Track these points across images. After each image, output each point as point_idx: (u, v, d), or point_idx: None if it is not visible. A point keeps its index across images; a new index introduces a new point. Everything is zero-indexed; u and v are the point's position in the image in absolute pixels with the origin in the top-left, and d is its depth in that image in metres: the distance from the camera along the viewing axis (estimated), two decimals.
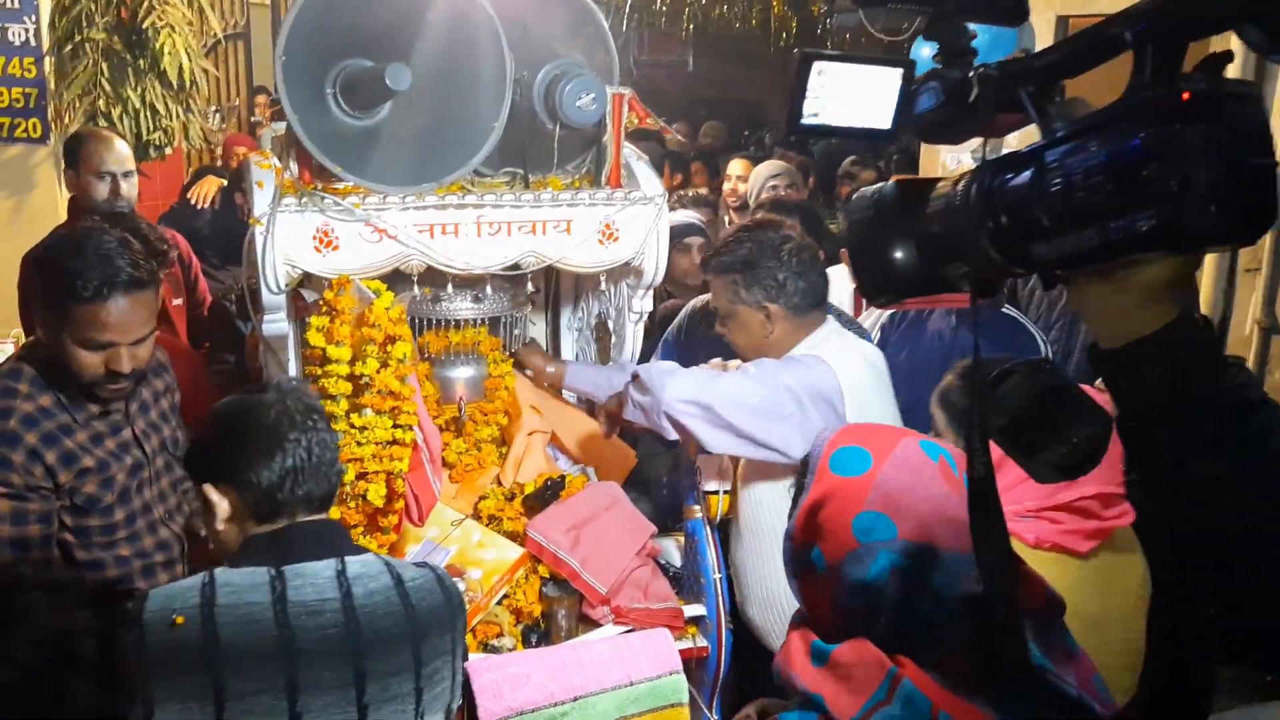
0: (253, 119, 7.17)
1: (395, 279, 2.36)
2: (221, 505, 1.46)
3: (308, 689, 1.37)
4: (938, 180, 0.88)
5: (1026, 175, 0.78)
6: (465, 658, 1.57)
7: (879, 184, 0.90)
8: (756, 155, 5.53)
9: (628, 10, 13.91)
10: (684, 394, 2.10)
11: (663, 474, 2.66)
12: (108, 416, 2.01)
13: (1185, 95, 0.69)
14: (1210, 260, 3.69)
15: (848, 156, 6.66)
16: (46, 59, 4.78)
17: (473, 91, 2.33)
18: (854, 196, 0.92)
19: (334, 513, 2.05)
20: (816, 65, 0.86)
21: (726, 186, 5.07)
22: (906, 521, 1.13)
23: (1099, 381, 0.87)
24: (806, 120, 0.87)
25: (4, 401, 1.89)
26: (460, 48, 2.30)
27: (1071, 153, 0.74)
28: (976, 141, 3.56)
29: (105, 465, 1.97)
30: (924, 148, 5.63)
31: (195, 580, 1.40)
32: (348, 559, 1.46)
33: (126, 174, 3.26)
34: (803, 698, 1.11)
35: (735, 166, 5.14)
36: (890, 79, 0.88)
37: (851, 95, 0.88)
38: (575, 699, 1.53)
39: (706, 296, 3.02)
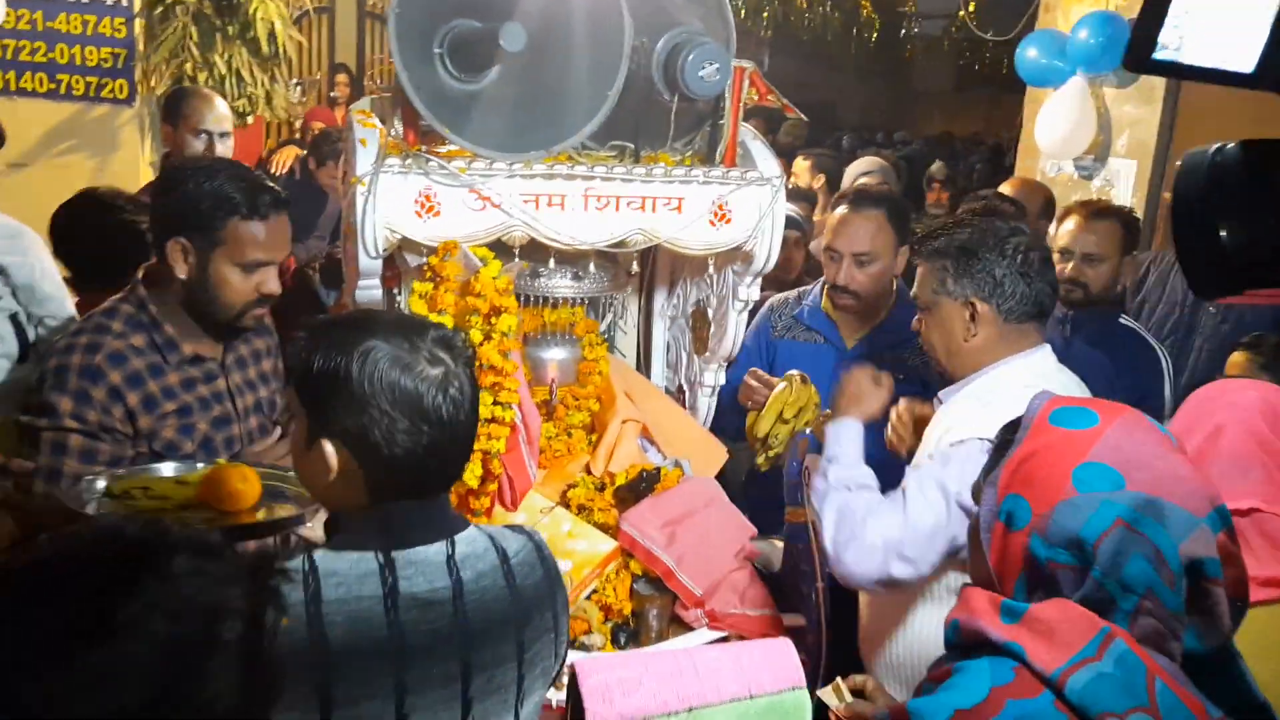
0: (331, 94, 7.15)
1: (495, 251, 2.25)
2: (333, 465, 1.25)
3: (415, 688, 1.24)
4: None
5: None
6: (567, 633, 1.45)
7: (1216, 145, 0.74)
8: (826, 152, 5.38)
9: None
10: (870, 569, 1.78)
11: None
12: (202, 363, 1.94)
13: None
14: None
15: (934, 161, 6.48)
16: (136, 20, 4.77)
17: (587, 57, 2.20)
18: (1182, 162, 0.74)
19: None
20: None
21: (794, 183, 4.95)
22: (1138, 474, 1.10)
23: None
24: (1159, 54, 0.70)
25: (95, 337, 1.84)
26: (576, 10, 2.18)
27: None
28: (1082, 146, 3.35)
29: (189, 410, 1.89)
30: (1021, 156, 5.42)
31: (295, 566, 1.24)
32: (456, 538, 1.33)
33: (223, 134, 3.23)
34: (992, 648, 1.10)
35: (798, 165, 5.02)
36: (1268, 6, 0.71)
37: (1216, 25, 0.71)
38: (690, 709, 1.40)
39: (787, 294, 2.90)
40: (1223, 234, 0.73)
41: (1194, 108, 4.52)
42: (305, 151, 4.95)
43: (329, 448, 1.25)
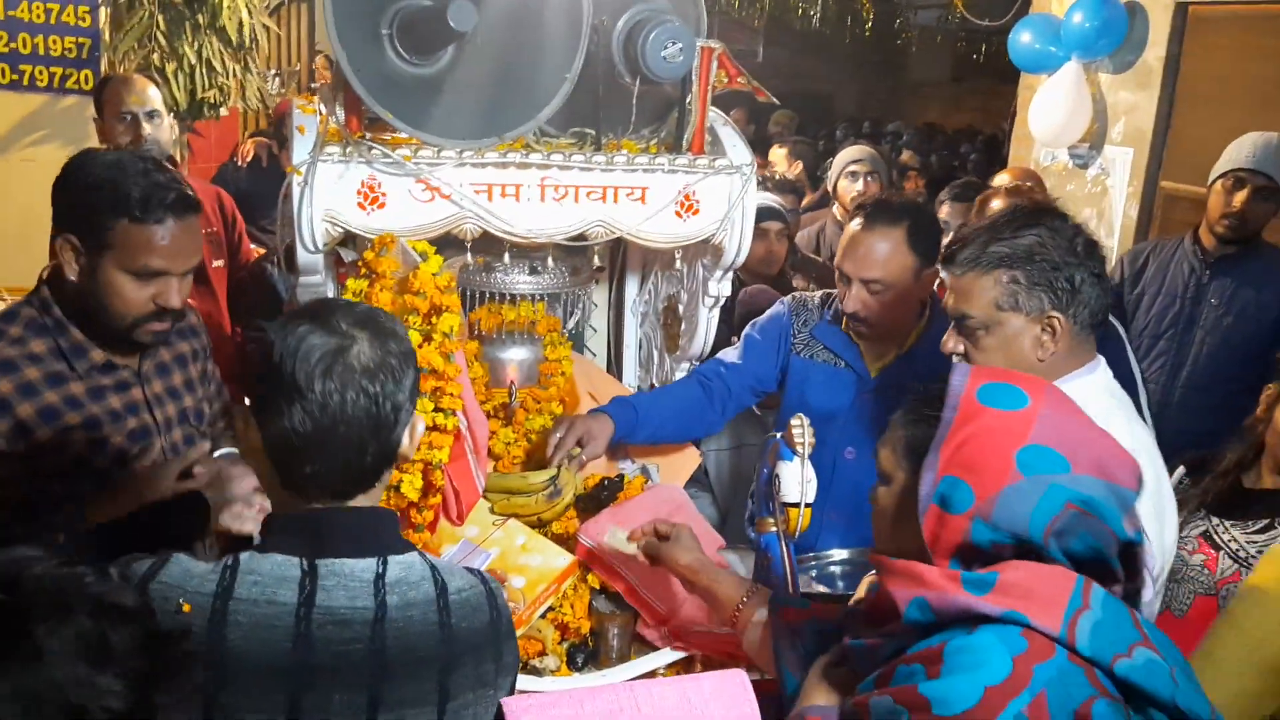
0: (312, 84, 7.01)
1: (446, 244, 2.11)
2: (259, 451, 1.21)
3: (310, 712, 1.14)
4: None
5: None
6: (511, 691, 1.32)
7: None
8: (804, 140, 5.25)
9: None
10: None
11: (732, 478, 2.38)
12: (114, 370, 1.77)
13: None
14: None
15: (899, 153, 6.37)
16: (102, 9, 4.62)
17: (544, 38, 2.06)
18: None
19: None
20: None
21: (768, 171, 4.80)
22: (1081, 456, 1.14)
23: None
24: None
25: None
26: None
27: None
28: (1077, 134, 3.16)
29: (97, 423, 1.72)
30: (1015, 144, 5.28)
31: (218, 562, 1.18)
32: (391, 559, 1.21)
33: (150, 113, 3.03)
34: (976, 620, 1.11)
35: (773, 154, 4.88)
36: None
37: None
38: None
39: (808, 295, 2.51)
40: None
41: (1192, 93, 4.37)
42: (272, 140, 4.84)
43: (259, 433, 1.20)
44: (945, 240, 3.08)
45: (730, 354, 2.47)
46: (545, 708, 1.30)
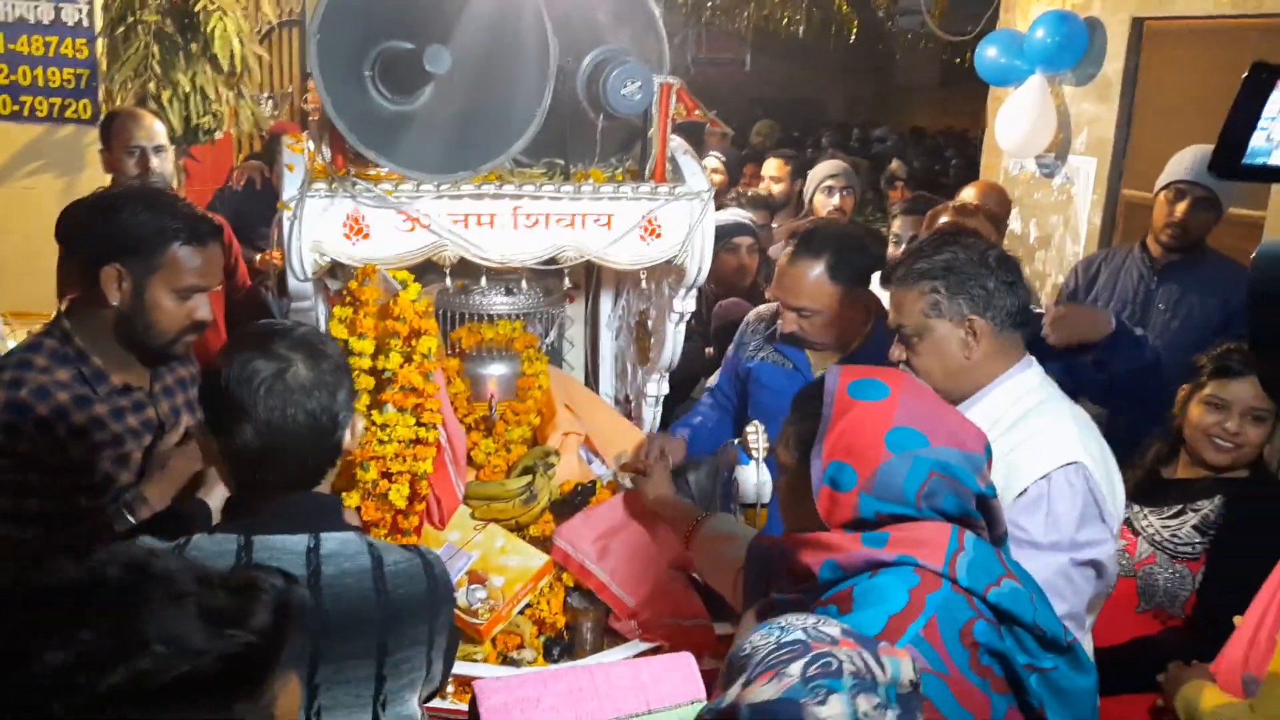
0: (304, 106, 7.17)
1: (426, 270, 2.27)
2: (215, 456, 1.42)
3: None
4: None
5: None
6: (451, 650, 1.51)
7: None
8: (800, 156, 5.40)
9: (687, 7, 13.86)
10: None
11: (702, 482, 2.53)
12: (131, 392, 1.96)
13: None
14: None
15: (889, 161, 6.53)
16: (99, 41, 4.79)
17: (514, 77, 2.23)
18: (1261, 252, 0.72)
19: (353, 506, 1.97)
20: None
21: (761, 187, 4.95)
22: (936, 431, 1.38)
23: None
24: (1250, 160, 0.65)
25: (18, 373, 1.86)
26: (503, 32, 2.20)
27: None
28: (1043, 144, 3.37)
29: (121, 440, 1.91)
30: (986, 154, 5.45)
31: (172, 542, 1.35)
32: (325, 535, 1.38)
33: (157, 148, 3.23)
34: (883, 566, 1.32)
35: (770, 166, 5.04)
36: None
37: None
38: None
39: (767, 306, 2.75)
40: None
41: (1150, 104, 4.54)
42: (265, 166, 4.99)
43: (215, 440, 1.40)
44: (893, 251, 3.28)
45: (719, 374, 2.78)
46: (513, 688, 1.45)
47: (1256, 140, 0.66)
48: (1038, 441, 1.84)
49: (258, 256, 4.21)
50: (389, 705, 1.37)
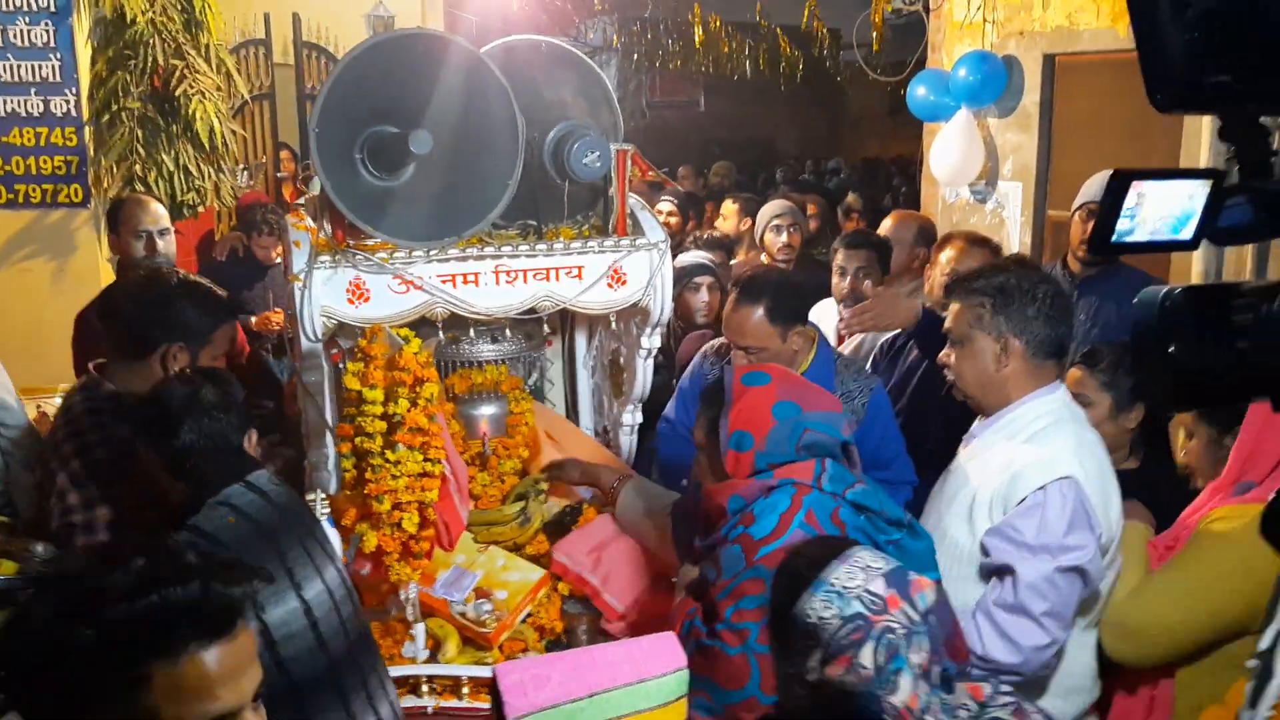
0: (278, 174, 7.46)
1: (421, 325, 2.57)
2: None
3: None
4: (1235, 286, 0.86)
5: None
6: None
7: (1163, 289, 0.88)
8: (753, 197, 5.76)
9: (642, 55, 14.30)
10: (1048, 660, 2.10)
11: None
12: None
13: None
14: None
15: (846, 194, 6.90)
16: (86, 129, 5.07)
17: (488, 152, 2.54)
18: (1139, 300, 0.88)
19: (372, 540, 2.25)
20: (1135, 186, 0.84)
21: (719, 224, 5.30)
22: (807, 401, 1.95)
23: None
24: (1118, 238, 0.86)
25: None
26: (476, 113, 2.52)
27: None
28: (974, 174, 3.77)
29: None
30: (924, 184, 5.84)
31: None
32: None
33: (162, 231, 3.52)
34: (771, 489, 1.87)
35: (726, 208, 5.39)
36: (1199, 190, 0.87)
37: (1160, 209, 0.87)
38: (591, 695, 1.72)
39: (721, 340, 3.10)
40: (1173, 350, 0.84)
41: (1065, 132, 4.95)
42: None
43: None
44: (837, 281, 3.62)
45: (672, 407, 3.09)
46: (526, 668, 1.74)
47: (1122, 225, 0.86)
48: (1041, 457, 2.08)
49: (252, 319, 4.49)
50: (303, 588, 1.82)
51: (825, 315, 3.90)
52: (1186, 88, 0.81)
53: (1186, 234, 0.88)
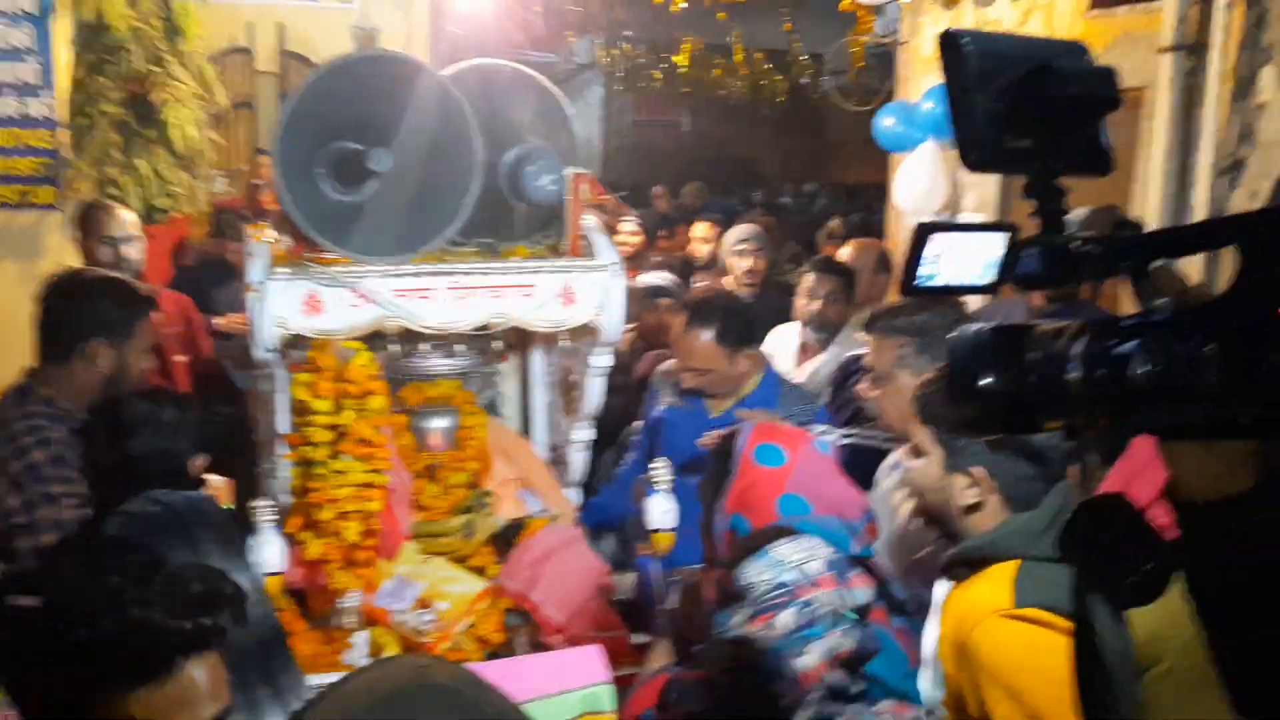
0: (252, 181, 7.50)
1: (375, 338, 2.63)
2: None
3: None
4: (1030, 327, 0.92)
5: (1133, 346, 0.81)
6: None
7: (977, 326, 0.94)
8: (726, 220, 5.86)
9: (627, 74, 14.44)
10: None
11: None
12: None
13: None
14: None
15: (829, 219, 7.01)
16: (62, 131, 5.10)
17: (446, 172, 2.61)
18: (953, 336, 0.95)
19: (315, 547, 2.30)
20: (933, 237, 0.92)
21: (690, 248, 5.39)
22: (819, 500, 1.67)
23: None
24: (921, 282, 0.94)
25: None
26: (436, 133, 2.58)
27: (1180, 336, 0.78)
28: (938, 203, 3.87)
29: None
30: (889, 212, 5.95)
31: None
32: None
33: (128, 239, 3.55)
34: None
35: (699, 229, 5.48)
36: (996, 241, 0.94)
37: (961, 257, 0.94)
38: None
39: (672, 362, 3.13)
40: (982, 381, 0.90)
41: None
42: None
43: None
44: (803, 304, 3.70)
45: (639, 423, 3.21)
46: None
47: (925, 270, 0.93)
48: None
49: (217, 320, 4.54)
50: None
51: (786, 337, 3.97)
52: (992, 151, 0.90)
53: (986, 279, 0.95)
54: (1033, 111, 0.88)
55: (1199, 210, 3.91)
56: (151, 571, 1.26)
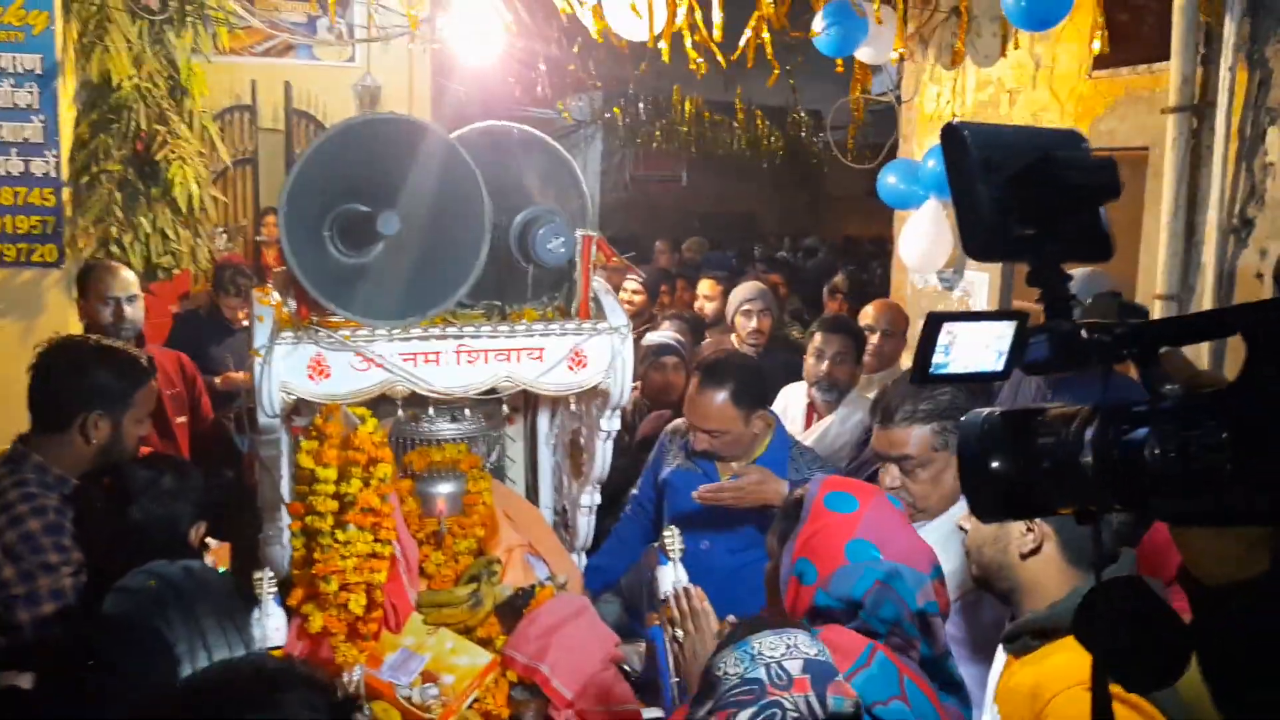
0: (257, 238, 7.51)
1: (381, 402, 2.58)
2: None
3: None
4: (1041, 411, 0.93)
5: (1143, 433, 0.81)
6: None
7: (984, 413, 0.96)
8: (729, 276, 5.85)
9: (627, 129, 14.58)
10: None
11: (630, 583, 2.83)
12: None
13: None
14: None
15: (834, 273, 7.00)
16: (65, 189, 5.10)
17: (455, 234, 2.58)
18: (964, 421, 0.96)
19: (317, 620, 2.23)
20: (945, 326, 0.93)
21: (696, 305, 5.36)
22: (889, 548, 1.62)
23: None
24: (934, 371, 0.95)
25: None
26: (445, 196, 2.56)
27: (1191, 423, 0.79)
28: (941, 261, 3.86)
29: None
30: (895, 270, 5.94)
31: None
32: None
33: (130, 298, 3.53)
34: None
35: (704, 286, 5.47)
36: (1006, 329, 0.96)
37: (971, 345, 0.95)
38: None
39: (682, 420, 3.09)
40: (994, 465, 0.92)
41: None
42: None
43: None
44: (811, 364, 3.67)
45: (640, 481, 3.12)
46: None
47: (939, 359, 0.94)
48: None
49: (217, 380, 4.50)
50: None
51: (795, 398, 3.93)
52: (997, 239, 0.92)
53: (998, 366, 0.97)
54: (1036, 201, 0.90)
55: (1207, 269, 3.89)
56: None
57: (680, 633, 1.87)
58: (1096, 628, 0.91)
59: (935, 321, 0.94)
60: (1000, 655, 1.79)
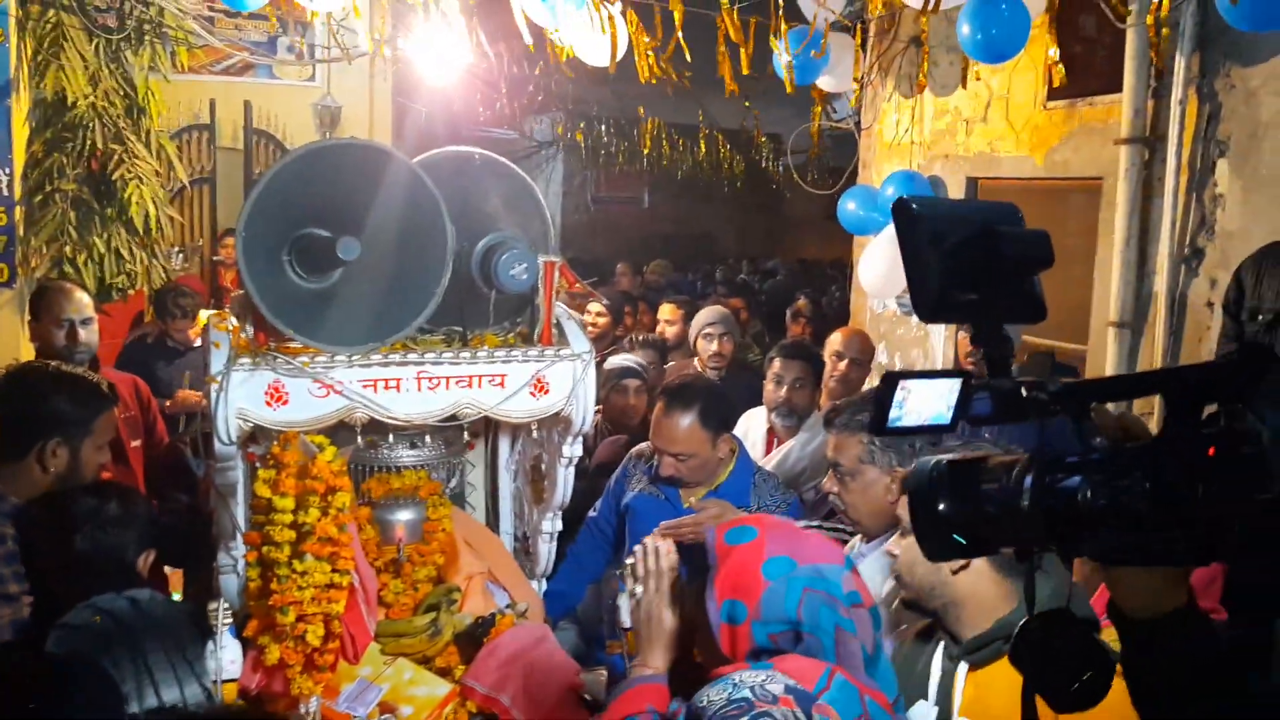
0: (214, 258, 7.41)
1: (339, 428, 2.55)
2: None
3: None
4: (985, 459, 1.02)
5: (1076, 481, 0.90)
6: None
7: (934, 460, 1.04)
8: (690, 300, 5.87)
9: (588, 151, 14.62)
10: None
11: (587, 608, 2.82)
12: None
13: (1210, 450, 0.85)
14: None
15: (795, 297, 7.05)
16: (17, 208, 5.01)
17: (417, 260, 2.56)
18: (912, 471, 1.05)
19: (274, 653, 2.19)
20: (901, 384, 1.01)
21: (658, 329, 5.38)
22: (800, 554, 1.62)
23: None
24: (891, 424, 1.02)
25: None
26: (407, 221, 2.54)
27: (1118, 473, 0.88)
28: (900, 287, 3.92)
29: None
30: (854, 294, 6.00)
31: None
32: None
33: (84, 321, 3.46)
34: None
35: (665, 310, 5.49)
36: (952, 386, 1.03)
37: (922, 400, 1.03)
38: None
39: (646, 444, 3.12)
40: (941, 508, 1.01)
41: None
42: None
43: None
44: (770, 390, 3.69)
45: (599, 504, 3.12)
46: None
47: (893, 413, 1.01)
48: None
49: (166, 403, 4.43)
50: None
51: (755, 423, 3.95)
52: (943, 302, 1.02)
53: (945, 419, 1.04)
54: (977, 269, 0.99)
55: (1159, 298, 3.97)
56: None
57: (640, 589, 1.84)
58: (1028, 654, 1.01)
59: (891, 379, 1.02)
60: (941, 670, 1.82)
